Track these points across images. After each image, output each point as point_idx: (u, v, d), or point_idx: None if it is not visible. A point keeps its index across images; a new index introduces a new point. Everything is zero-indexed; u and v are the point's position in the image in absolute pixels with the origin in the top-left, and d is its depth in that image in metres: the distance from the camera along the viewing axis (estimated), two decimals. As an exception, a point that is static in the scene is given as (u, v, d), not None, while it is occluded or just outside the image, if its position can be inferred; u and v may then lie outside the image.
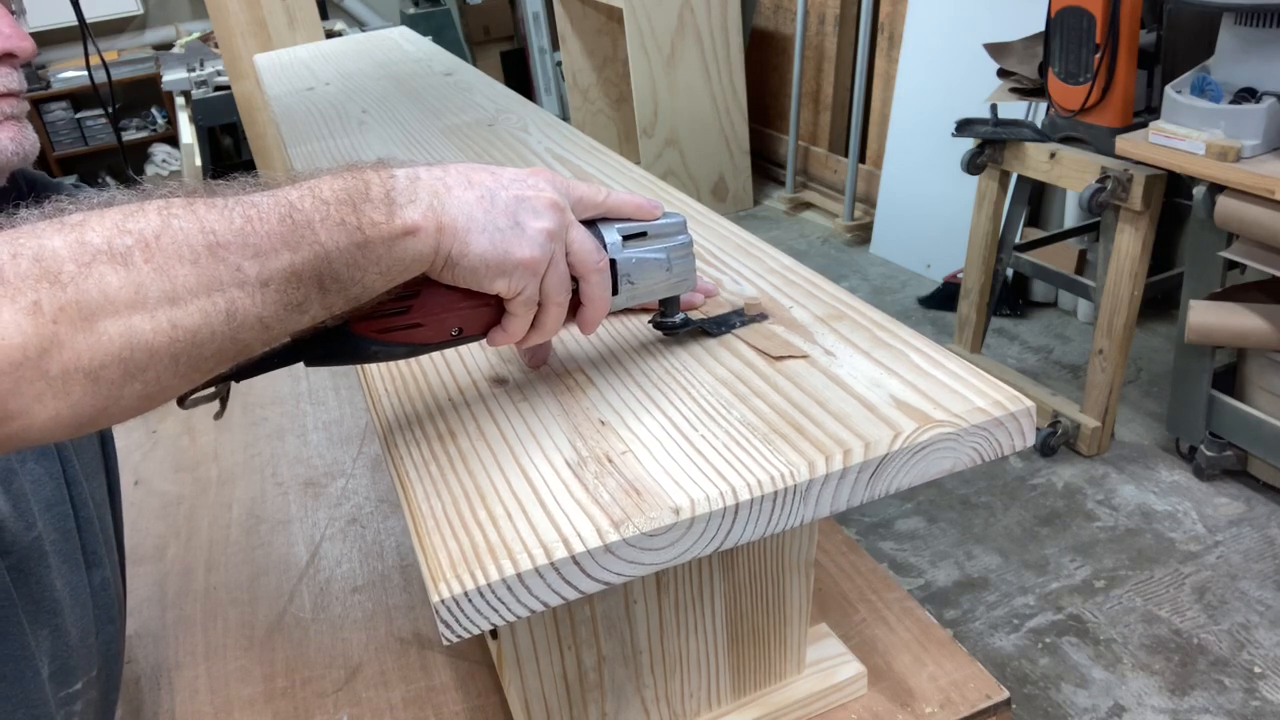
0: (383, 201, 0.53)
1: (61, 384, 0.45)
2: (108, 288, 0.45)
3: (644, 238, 0.65)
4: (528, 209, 0.58)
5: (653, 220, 0.66)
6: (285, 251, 0.50)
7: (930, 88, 3.48)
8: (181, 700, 0.94)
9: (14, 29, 0.71)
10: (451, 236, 0.55)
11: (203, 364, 0.50)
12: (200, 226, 0.48)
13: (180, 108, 4.38)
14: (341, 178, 0.54)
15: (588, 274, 0.61)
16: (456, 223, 0.55)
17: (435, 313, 0.59)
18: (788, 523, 0.57)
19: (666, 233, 0.66)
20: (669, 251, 0.66)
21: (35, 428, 0.45)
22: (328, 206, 0.52)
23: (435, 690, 0.90)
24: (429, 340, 0.60)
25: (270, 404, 1.42)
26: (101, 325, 0.45)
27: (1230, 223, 2.03)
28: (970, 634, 2.04)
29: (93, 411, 0.47)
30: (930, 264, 3.58)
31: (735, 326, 0.72)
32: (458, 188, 0.57)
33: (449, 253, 0.56)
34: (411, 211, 0.54)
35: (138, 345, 0.46)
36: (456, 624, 0.51)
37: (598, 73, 4.80)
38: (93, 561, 0.79)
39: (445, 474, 0.60)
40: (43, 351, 0.44)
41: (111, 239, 0.46)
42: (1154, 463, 2.48)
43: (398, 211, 0.54)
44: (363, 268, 0.53)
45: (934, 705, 0.81)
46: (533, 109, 1.35)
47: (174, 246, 0.47)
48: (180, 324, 0.47)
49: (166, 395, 0.50)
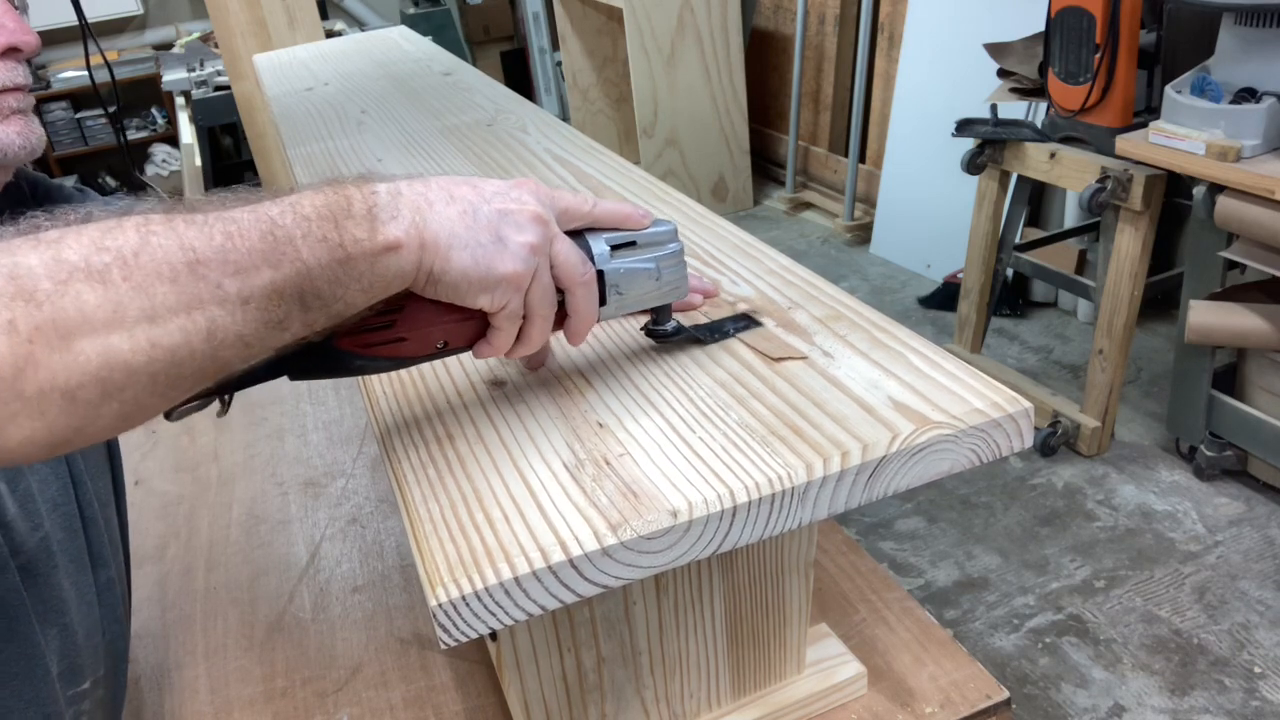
0: (365, 217, 0.53)
1: (37, 404, 0.44)
2: (85, 306, 0.44)
3: (633, 247, 0.65)
4: (510, 223, 0.57)
5: (642, 229, 0.65)
6: (266, 269, 0.49)
7: (930, 88, 3.47)
8: (181, 700, 0.94)
9: (18, 23, 0.71)
10: (434, 252, 0.55)
11: (182, 383, 0.49)
12: (180, 243, 0.47)
13: (180, 108, 4.38)
14: (323, 193, 0.53)
15: (573, 286, 0.60)
16: (439, 238, 0.55)
17: (419, 327, 0.59)
18: (786, 525, 0.57)
19: (656, 241, 0.66)
20: (658, 261, 0.65)
21: (9, 449, 0.44)
22: (309, 223, 0.51)
23: (435, 690, 0.91)
24: (413, 354, 0.60)
25: (270, 404, 1.42)
26: (79, 344, 0.44)
27: (1230, 223, 2.03)
28: (970, 634, 2.04)
29: (68, 432, 0.46)
30: (930, 264, 3.58)
31: (729, 334, 0.72)
32: (440, 203, 0.56)
33: (431, 268, 0.55)
34: (394, 228, 0.53)
35: (116, 365, 0.45)
36: (454, 627, 0.51)
37: (598, 73, 4.80)
38: (98, 561, 0.79)
39: (443, 477, 0.60)
40: (18, 371, 0.43)
41: (89, 256, 0.45)
42: (1154, 463, 2.48)
43: (380, 227, 0.53)
44: (345, 284, 0.52)
45: (934, 705, 0.81)
46: (532, 109, 1.35)
47: (153, 264, 0.46)
48: (159, 343, 0.46)
49: (145, 415, 0.49)
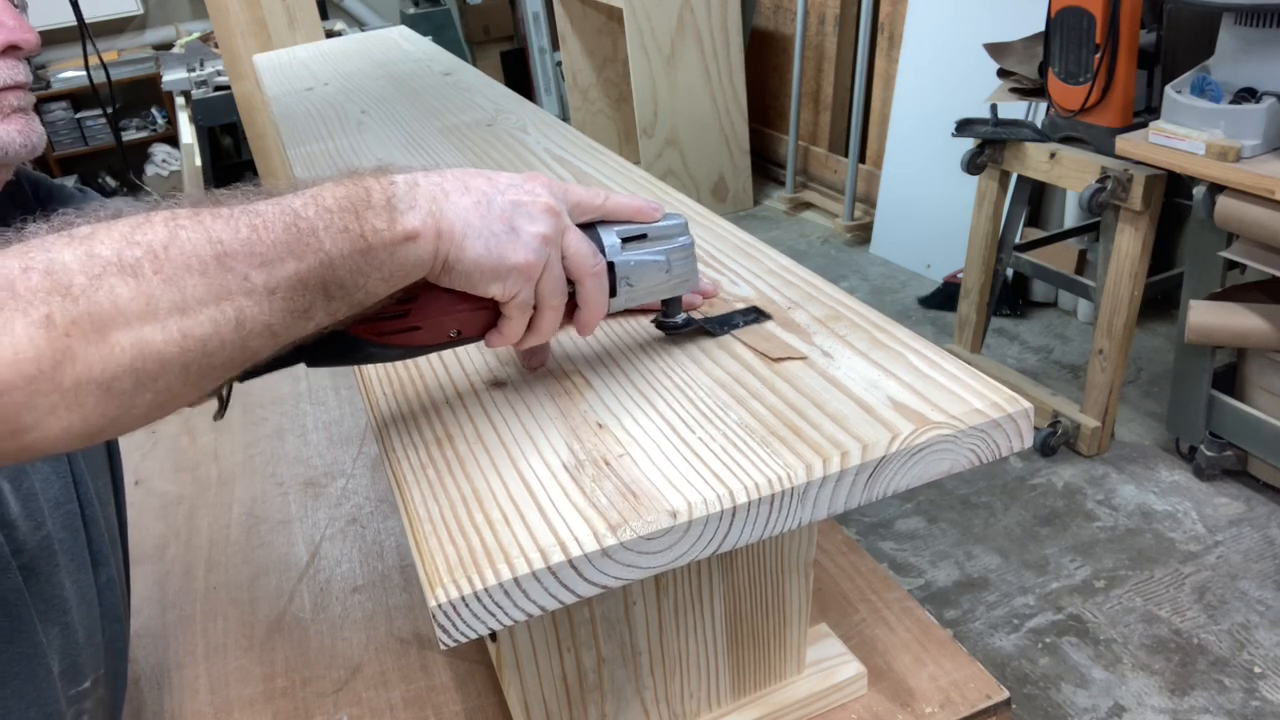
0: (384, 208, 0.54)
1: (75, 396, 0.45)
2: (118, 299, 0.46)
3: (644, 240, 0.66)
4: (523, 214, 0.58)
5: (653, 222, 0.66)
6: (291, 260, 0.51)
7: (930, 88, 3.47)
8: (181, 700, 0.94)
9: (18, 21, 0.72)
10: (449, 241, 0.56)
11: (213, 372, 0.50)
12: (208, 236, 0.49)
13: (180, 108, 4.38)
14: (343, 185, 0.54)
15: (583, 277, 0.62)
16: (455, 227, 0.56)
17: (433, 315, 0.60)
18: (786, 525, 0.57)
19: (667, 234, 0.67)
20: (669, 253, 0.66)
21: (48, 439, 0.46)
22: (331, 214, 0.52)
23: (435, 690, 0.91)
24: (426, 342, 0.61)
25: (270, 404, 1.42)
26: (113, 337, 0.46)
27: (1230, 223, 2.03)
28: (970, 634, 2.04)
29: (104, 422, 0.47)
30: (930, 264, 3.58)
31: (738, 325, 0.72)
32: (455, 193, 0.57)
33: (446, 257, 0.56)
34: (412, 217, 0.55)
35: (149, 355, 0.47)
36: (454, 628, 0.51)
37: (598, 73, 4.80)
38: (99, 560, 0.79)
39: (443, 477, 0.60)
40: (56, 364, 0.44)
41: (121, 251, 0.47)
42: (1154, 463, 2.48)
43: (399, 218, 0.54)
44: (366, 274, 0.54)
45: (934, 705, 0.81)
46: (531, 109, 1.35)
47: (182, 257, 0.48)
48: (191, 333, 0.48)
49: (177, 404, 0.50)
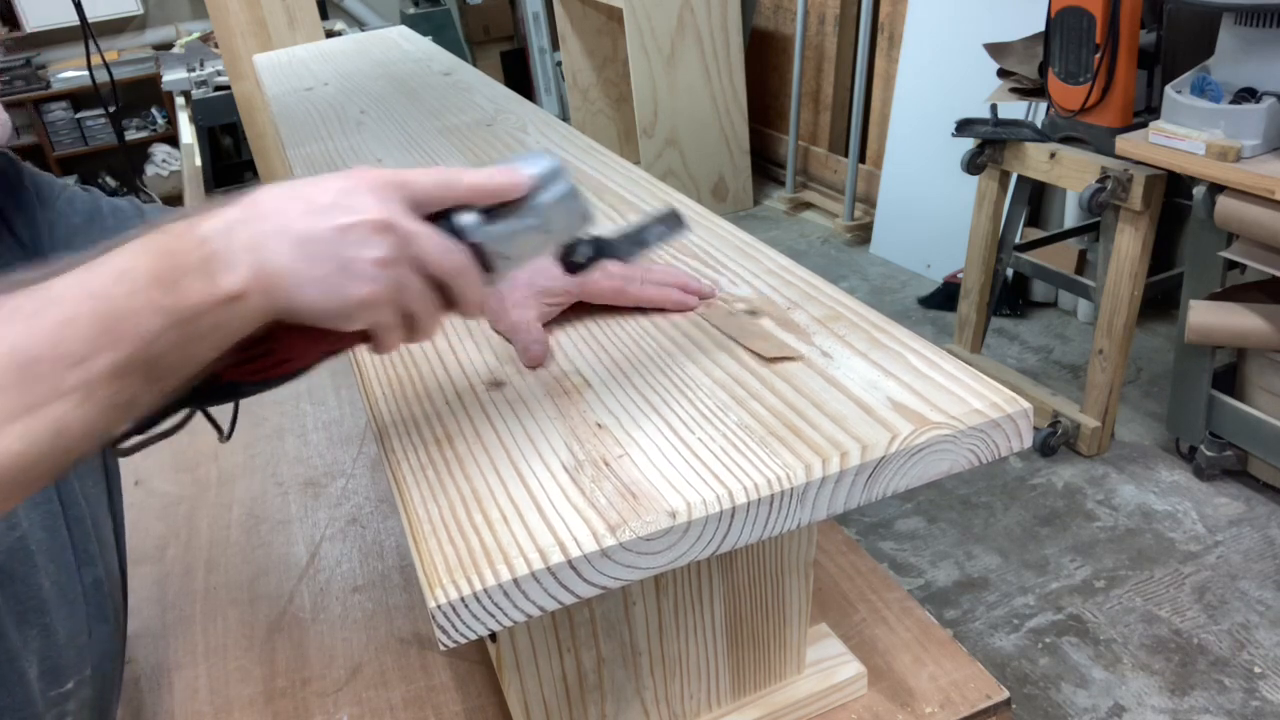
0: (200, 271, 0.49)
1: None
2: None
3: (510, 205, 0.59)
4: (351, 242, 0.51)
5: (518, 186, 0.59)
6: (107, 351, 0.46)
7: (930, 88, 3.47)
8: (181, 700, 0.94)
9: None
10: (281, 293, 0.51)
11: (31, 485, 0.47)
12: (8, 346, 0.45)
13: (180, 108, 4.38)
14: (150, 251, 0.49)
15: (444, 277, 0.56)
16: (283, 279, 0.50)
17: (299, 346, 0.57)
18: (785, 525, 0.57)
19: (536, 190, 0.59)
20: (543, 211, 0.59)
21: None
22: (142, 290, 0.47)
23: (435, 690, 0.91)
24: (305, 366, 0.58)
25: (270, 404, 1.42)
26: None
27: (1230, 223, 2.03)
28: (970, 634, 2.04)
29: None
30: (930, 264, 3.58)
31: (650, 242, 0.68)
32: (274, 236, 0.51)
33: (283, 308, 0.51)
34: (232, 277, 0.49)
35: None
36: (453, 629, 0.51)
37: (598, 73, 4.80)
38: (84, 560, 0.78)
39: (442, 478, 0.60)
40: None
41: None
42: (1154, 463, 2.48)
43: (219, 279, 0.49)
44: (192, 346, 0.49)
45: (934, 705, 0.81)
46: (531, 109, 1.35)
47: None
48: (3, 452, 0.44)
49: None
